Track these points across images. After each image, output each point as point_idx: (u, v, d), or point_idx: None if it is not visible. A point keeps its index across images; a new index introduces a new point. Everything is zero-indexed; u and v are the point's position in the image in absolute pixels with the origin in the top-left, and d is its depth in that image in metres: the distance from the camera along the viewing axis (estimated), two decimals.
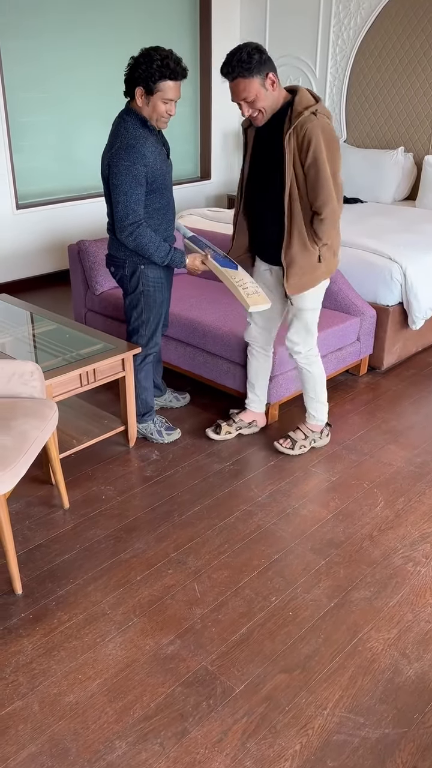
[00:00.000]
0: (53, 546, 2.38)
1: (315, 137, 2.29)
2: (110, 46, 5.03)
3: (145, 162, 2.45)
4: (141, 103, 2.44)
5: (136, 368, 2.85)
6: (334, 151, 2.35)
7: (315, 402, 2.88)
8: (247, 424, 3.03)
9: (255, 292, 2.54)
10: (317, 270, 2.55)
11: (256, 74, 2.28)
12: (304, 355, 2.76)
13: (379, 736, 1.71)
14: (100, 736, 1.71)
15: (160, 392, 3.24)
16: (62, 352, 2.77)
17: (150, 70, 2.36)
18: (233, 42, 5.76)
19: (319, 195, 2.36)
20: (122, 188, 2.46)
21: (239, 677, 1.87)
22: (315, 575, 2.24)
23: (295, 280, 2.54)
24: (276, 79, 2.33)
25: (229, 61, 2.29)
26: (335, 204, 2.39)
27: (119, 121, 2.51)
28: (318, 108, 2.32)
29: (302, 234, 2.46)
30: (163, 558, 2.32)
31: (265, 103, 2.35)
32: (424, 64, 4.79)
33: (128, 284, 2.72)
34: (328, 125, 2.33)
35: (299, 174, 2.37)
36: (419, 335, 3.77)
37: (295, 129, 2.32)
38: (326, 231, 2.44)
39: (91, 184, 5.30)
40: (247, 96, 2.32)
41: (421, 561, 2.30)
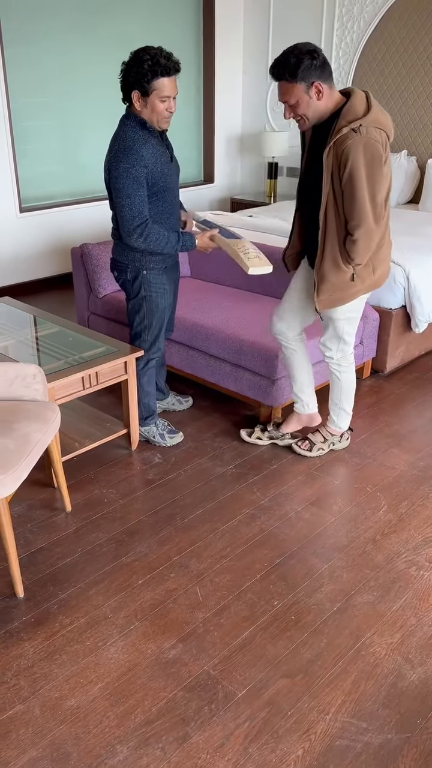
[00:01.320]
0: (55, 549, 2.37)
1: (353, 155, 2.19)
2: (113, 50, 5.04)
3: (145, 163, 2.44)
4: (139, 106, 2.43)
5: (138, 372, 2.84)
6: (375, 171, 2.22)
7: (338, 408, 2.87)
8: (281, 435, 2.98)
9: (256, 257, 2.53)
10: (350, 288, 2.49)
11: (301, 81, 2.20)
12: (336, 361, 2.74)
13: (382, 741, 1.70)
14: (101, 740, 1.70)
15: (163, 395, 3.23)
16: (65, 355, 2.77)
17: (141, 71, 2.34)
18: (237, 46, 5.78)
19: (353, 215, 2.27)
20: (124, 191, 2.45)
21: (241, 682, 1.86)
22: (317, 579, 2.23)
23: (325, 296, 2.50)
24: (323, 89, 2.23)
25: (277, 62, 2.23)
26: (370, 226, 2.28)
27: (120, 126, 2.50)
28: (364, 122, 2.19)
29: (335, 251, 2.39)
30: (165, 562, 2.31)
31: (307, 111, 2.27)
32: (427, 67, 4.79)
33: (130, 289, 2.72)
34: (372, 143, 2.19)
35: (337, 190, 2.30)
36: (422, 339, 3.76)
37: (336, 143, 2.22)
38: (359, 252, 2.34)
39: (94, 188, 5.31)
40: (288, 100, 2.27)
41: (425, 565, 2.29)
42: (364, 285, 2.52)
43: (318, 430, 2.95)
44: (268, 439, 3.00)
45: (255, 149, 6.00)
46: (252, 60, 5.83)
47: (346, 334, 2.65)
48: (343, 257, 2.40)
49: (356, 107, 2.24)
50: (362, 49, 5.08)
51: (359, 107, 2.24)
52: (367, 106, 2.25)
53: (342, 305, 2.55)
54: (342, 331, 2.64)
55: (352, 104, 2.24)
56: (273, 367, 2.95)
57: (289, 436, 2.98)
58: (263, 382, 3.02)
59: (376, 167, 2.23)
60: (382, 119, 2.26)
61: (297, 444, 2.94)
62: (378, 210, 2.31)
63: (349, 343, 2.69)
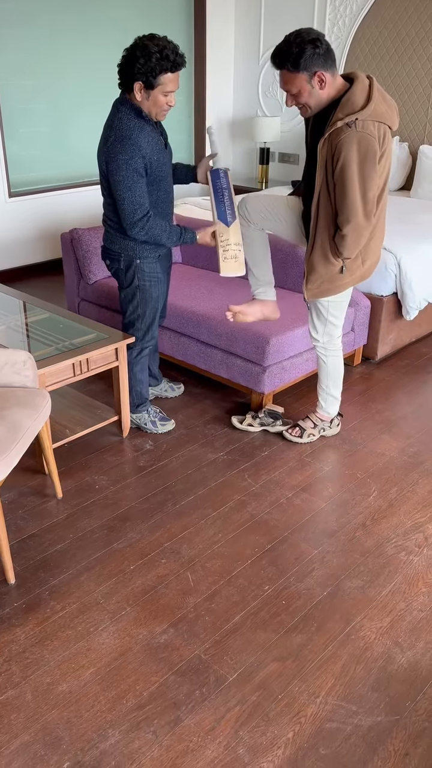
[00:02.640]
0: (46, 536, 2.37)
1: (346, 150, 2.15)
2: (104, 32, 4.97)
3: (143, 153, 2.40)
4: (140, 97, 2.36)
5: (131, 361, 2.83)
6: (368, 167, 2.18)
7: (326, 394, 2.88)
8: (272, 420, 2.98)
9: (233, 258, 2.48)
10: (339, 280, 2.48)
11: (303, 70, 2.15)
12: (323, 345, 2.74)
13: (371, 723, 1.72)
14: (93, 724, 1.71)
15: (156, 381, 3.23)
16: (55, 342, 2.75)
17: (149, 65, 2.27)
18: (228, 29, 5.71)
19: (343, 210, 2.25)
20: (125, 183, 2.40)
21: (232, 666, 1.87)
22: (308, 564, 2.24)
23: (314, 286, 2.50)
24: (326, 78, 2.18)
25: (279, 50, 2.17)
26: (359, 222, 2.25)
27: (114, 112, 2.44)
28: (361, 116, 2.14)
29: (324, 244, 2.38)
30: (157, 547, 2.32)
31: (309, 100, 2.23)
32: (420, 52, 4.76)
33: (123, 278, 2.69)
34: (367, 137, 2.14)
35: (330, 182, 2.27)
36: (413, 326, 3.77)
37: (330, 136, 2.20)
38: (347, 247, 2.32)
39: (85, 172, 5.26)
40: (290, 89, 2.22)
41: (414, 550, 2.31)
42: (353, 277, 2.52)
43: (308, 417, 2.96)
44: (259, 425, 3.01)
45: (247, 134, 5.95)
46: (244, 44, 5.77)
47: (332, 317, 2.66)
48: (332, 250, 2.39)
49: (356, 98, 2.17)
50: (354, 34, 5.04)
51: (359, 98, 2.17)
52: (368, 96, 2.18)
53: (330, 296, 2.56)
54: (327, 314, 2.65)
55: (352, 94, 2.18)
56: (264, 354, 2.94)
57: (281, 423, 2.99)
58: (254, 368, 3.02)
59: (370, 163, 2.19)
60: (383, 110, 2.20)
61: (288, 431, 2.95)
62: (369, 206, 2.27)
63: (336, 326, 2.70)
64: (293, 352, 3.08)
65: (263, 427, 3.01)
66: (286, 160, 5.82)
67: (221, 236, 2.50)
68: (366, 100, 2.18)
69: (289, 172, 5.78)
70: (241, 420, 3.04)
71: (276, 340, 2.95)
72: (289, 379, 3.15)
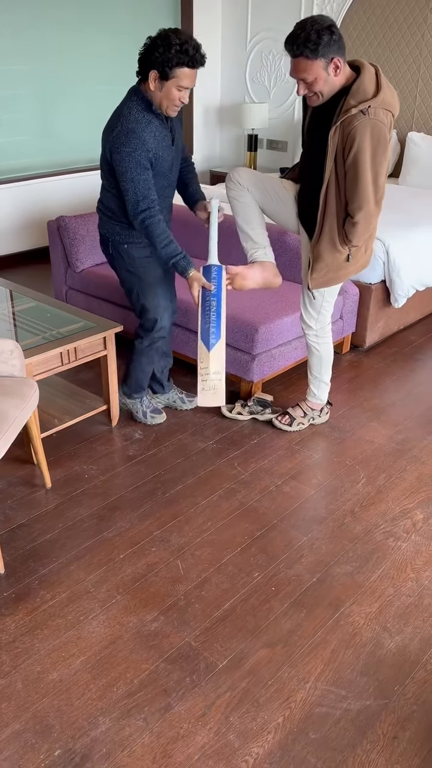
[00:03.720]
0: (35, 525, 2.36)
1: (359, 137, 2.15)
2: (91, 19, 4.91)
3: (147, 147, 2.34)
4: (153, 87, 2.31)
5: (141, 350, 2.78)
6: (380, 154, 2.20)
7: (318, 381, 2.88)
8: (262, 408, 2.98)
9: (212, 389, 2.34)
10: (344, 269, 2.48)
11: (321, 57, 2.12)
12: (315, 332, 2.74)
13: (360, 707, 1.74)
14: (83, 712, 1.72)
15: (162, 389, 3.06)
16: (42, 331, 2.73)
17: (167, 55, 2.22)
18: (216, 15, 5.65)
19: (355, 198, 2.25)
20: (128, 175, 2.35)
21: (222, 652, 1.88)
22: (297, 551, 2.25)
23: (320, 275, 2.48)
24: (341, 65, 2.17)
25: (295, 37, 2.12)
26: (371, 209, 2.27)
27: (125, 101, 2.38)
28: (372, 104, 2.14)
29: (333, 232, 2.37)
30: (147, 536, 2.32)
31: (324, 87, 2.20)
32: (407, 38, 4.74)
33: (116, 264, 2.66)
34: (380, 125, 2.16)
35: (340, 170, 2.26)
36: (401, 313, 3.78)
37: (343, 124, 2.18)
38: (358, 234, 2.33)
39: (72, 159, 5.21)
40: (306, 77, 2.17)
41: (402, 536, 2.32)
42: (356, 266, 2.53)
43: (298, 405, 2.96)
44: (248, 414, 3.01)
45: (234, 121, 5.91)
46: (231, 30, 5.71)
47: (327, 303, 2.66)
48: (341, 238, 2.39)
49: (366, 86, 2.17)
50: (342, 21, 5.00)
51: (369, 86, 2.17)
52: (376, 85, 2.19)
53: (333, 285, 2.55)
54: (323, 301, 2.65)
55: (362, 82, 2.17)
56: (253, 343, 2.94)
57: (270, 411, 2.99)
58: (243, 357, 3.01)
59: (381, 151, 2.20)
60: (390, 99, 2.21)
61: (277, 418, 2.95)
62: (380, 193, 2.29)
63: (328, 313, 2.70)
64: (282, 340, 3.07)
65: (252, 415, 3.01)
66: (274, 147, 5.78)
67: (201, 362, 2.36)
68: (376, 88, 2.18)
69: (278, 158, 5.75)
70: (230, 408, 3.04)
71: (265, 329, 2.95)
72: (278, 367, 3.15)
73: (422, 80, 4.78)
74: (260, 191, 2.55)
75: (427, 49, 4.68)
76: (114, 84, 5.16)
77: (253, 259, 2.56)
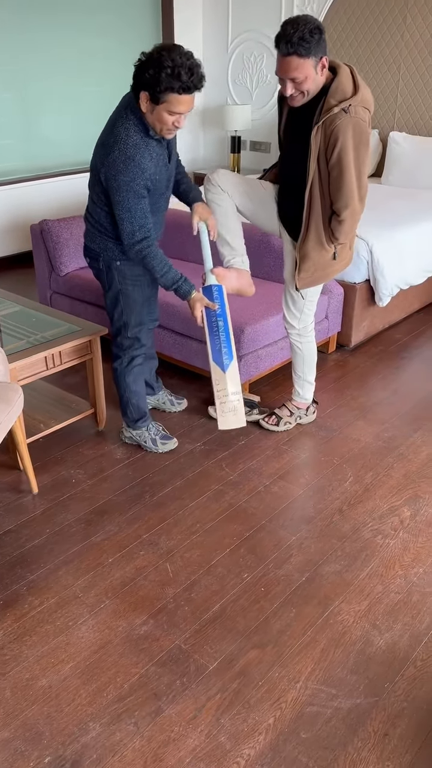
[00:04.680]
0: (23, 531, 2.35)
1: (342, 136, 2.16)
2: (73, 22, 4.89)
3: (146, 176, 2.23)
4: (145, 108, 2.16)
5: (122, 371, 2.65)
6: (362, 152, 2.22)
7: (302, 381, 2.88)
8: (249, 409, 2.97)
9: (232, 411, 2.35)
10: (330, 267, 2.50)
11: (313, 56, 2.12)
12: (298, 332, 2.75)
13: (350, 706, 1.74)
14: (73, 718, 1.71)
15: (152, 391, 3.01)
16: (26, 335, 2.72)
17: (157, 78, 2.05)
18: (196, 16, 5.66)
19: (340, 196, 2.27)
20: (125, 205, 2.24)
21: (212, 654, 1.88)
22: (286, 551, 2.25)
23: (307, 274, 2.49)
24: (327, 64, 2.18)
25: (288, 36, 2.09)
26: (356, 206, 2.29)
27: (120, 116, 2.23)
28: (353, 102, 2.16)
29: (319, 231, 2.38)
30: (135, 540, 2.31)
31: (311, 86, 2.19)
32: (387, 39, 4.77)
33: (105, 280, 2.54)
34: (361, 123, 2.18)
35: (323, 169, 2.27)
36: (386, 312, 3.80)
37: (324, 123, 2.18)
38: (344, 232, 2.35)
39: (55, 163, 5.19)
40: (297, 76, 2.15)
41: (390, 533, 2.33)
42: (341, 264, 2.54)
43: (285, 405, 2.97)
44: None
45: (217, 123, 5.92)
46: (212, 32, 5.72)
47: (309, 302, 2.67)
48: (327, 236, 2.40)
49: (344, 85, 2.19)
50: (323, 21, 5.02)
51: (347, 85, 2.19)
52: (354, 84, 2.20)
53: (320, 283, 2.56)
54: (306, 299, 2.66)
55: (340, 82, 2.19)
56: (239, 343, 2.94)
57: (257, 411, 2.99)
58: None
59: (364, 148, 2.22)
60: (368, 97, 2.24)
61: (264, 419, 2.95)
62: (363, 190, 2.31)
63: (311, 312, 2.71)
64: (268, 340, 3.08)
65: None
66: (257, 149, 5.80)
67: (217, 384, 2.33)
68: (354, 86, 2.20)
69: (261, 160, 5.77)
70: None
71: (251, 329, 2.95)
72: (264, 367, 3.15)
73: (403, 80, 4.81)
74: (240, 194, 2.54)
75: (407, 50, 4.72)
76: (97, 86, 5.15)
77: (230, 265, 2.58)
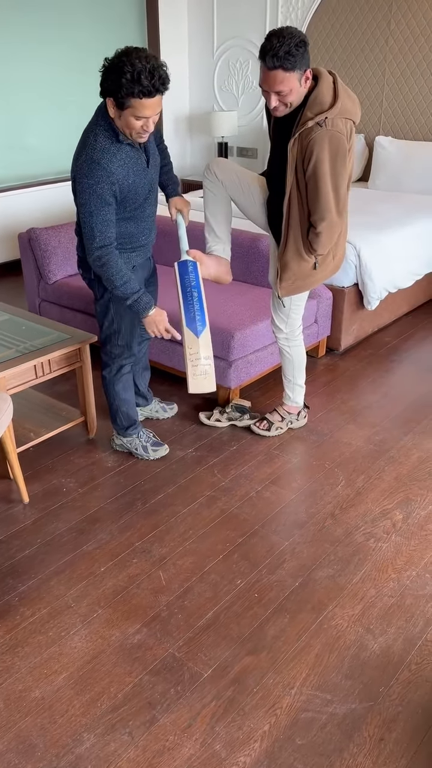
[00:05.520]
0: (13, 542, 2.33)
1: (317, 149, 2.16)
2: (56, 27, 4.89)
3: (112, 180, 2.19)
4: (113, 114, 2.13)
5: (111, 379, 2.63)
6: (339, 165, 2.21)
7: (293, 384, 2.89)
8: (240, 415, 2.98)
9: (203, 374, 2.35)
10: (312, 277, 2.50)
11: (298, 69, 2.12)
12: (285, 336, 2.75)
13: (346, 711, 1.74)
14: (67, 729, 1.69)
15: (146, 401, 3.02)
16: (15, 344, 2.70)
17: (119, 84, 2.02)
18: (181, 24, 5.68)
19: (316, 209, 2.26)
20: (87, 208, 2.20)
21: (206, 662, 1.87)
22: (279, 556, 2.25)
23: (288, 284, 2.50)
24: (310, 76, 2.18)
25: (275, 50, 2.08)
26: (333, 218, 2.28)
27: (91, 124, 2.21)
28: (329, 114, 2.15)
29: (298, 242, 2.38)
30: (127, 548, 2.30)
31: (295, 98, 2.19)
32: (372, 44, 4.80)
33: (96, 290, 2.51)
34: (338, 135, 2.17)
35: (300, 181, 2.27)
36: (375, 316, 3.81)
37: (300, 135, 2.19)
38: (321, 244, 2.35)
39: (41, 171, 5.18)
40: (282, 89, 2.15)
41: (382, 537, 2.33)
42: (325, 272, 2.54)
43: (276, 410, 2.97)
44: (227, 420, 3.00)
45: (204, 129, 5.93)
46: (197, 39, 5.74)
47: (295, 306, 2.68)
48: (306, 247, 2.40)
49: (323, 97, 2.18)
50: (307, 27, 5.06)
51: (326, 96, 2.18)
52: (334, 94, 2.19)
53: (303, 291, 2.57)
54: (291, 304, 2.67)
55: (319, 92, 2.18)
56: (229, 349, 2.94)
57: (248, 417, 2.99)
58: (220, 363, 3.01)
59: (340, 161, 2.21)
60: (349, 107, 2.22)
61: (255, 424, 2.95)
62: (341, 203, 2.30)
63: (297, 317, 2.72)
64: (258, 345, 3.08)
65: (231, 422, 3.01)
66: (244, 154, 5.81)
67: (189, 348, 2.34)
68: (333, 97, 2.19)
69: (248, 165, 5.78)
70: (208, 416, 3.03)
71: (240, 335, 2.95)
72: (254, 372, 3.15)
73: (387, 85, 4.85)
74: (234, 187, 2.55)
75: (391, 54, 4.75)
76: (82, 95, 5.16)
77: (211, 251, 2.61)
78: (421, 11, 4.51)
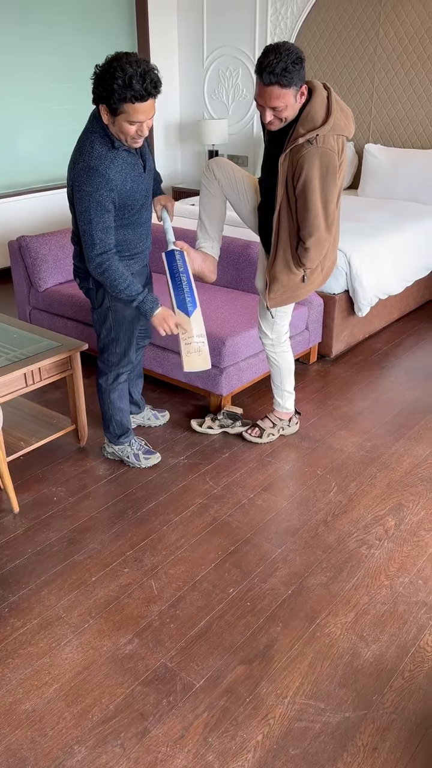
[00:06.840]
0: (3, 552, 2.31)
1: (307, 166, 2.17)
2: (46, 33, 4.90)
3: (111, 186, 2.19)
4: (106, 120, 2.14)
5: (107, 388, 2.62)
6: (329, 182, 2.22)
7: (281, 391, 2.89)
8: (232, 422, 2.97)
9: (197, 351, 2.36)
10: (300, 289, 2.52)
11: (294, 85, 2.12)
12: (271, 342, 2.76)
13: (339, 720, 1.72)
14: (58, 742, 1.67)
15: (138, 409, 3.01)
16: (5, 352, 2.69)
17: (111, 90, 2.02)
18: (171, 32, 5.70)
19: (306, 225, 2.27)
20: (86, 216, 2.20)
21: (199, 672, 1.85)
22: (271, 564, 2.24)
23: (276, 295, 2.51)
24: (305, 91, 2.18)
25: (272, 66, 2.08)
26: (321, 234, 2.30)
27: (87, 131, 2.21)
28: (321, 132, 2.15)
29: (287, 255, 2.40)
30: (119, 557, 2.28)
31: (290, 113, 2.19)
32: (361, 52, 4.84)
33: (94, 298, 2.50)
34: (328, 153, 2.17)
35: (291, 196, 2.28)
36: (366, 322, 3.82)
37: (291, 152, 2.20)
38: (310, 258, 2.36)
39: (32, 179, 5.17)
40: (277, 105, 2.15)
41: (375, 543, 2.33)
42: (313, 284, 2.56)
43: (267, 417, 2.96)
44: (218, 428, 3.00)
45: (195, 137, 5.95)
46: (187, 47, 5.77)
47: (280, 312, 2.69)
48: (295, 261, 2.41)
49: (315, 113, 2.18)
50: (297, 35, 5.09)
51: (319, 112, 2.18)
52: (327, 110, 2.19)
53: (293, 302, 2.58)
54: (276, 313, 2.68)
55: (312, 108, 2.18)
56: (220, 356, 2.94)
57: (240, 424, 2.99)
58: (212, 370, 3.01)
59: (330, 177, 2.22)
60: (342, 123, 2.22)
61: (247, 431, 2.95)
62: (330, 219, 2.31)
63: (283, 325, 2.73)
64: (249, 352, 3.08)
65: (223, 429, 3.00)
66: (235, 162, 5.83)
67: (182, 327, 2.37)
68: (326, 114, 2.19)
69: None
70: (200, 423, 3.02)
71: (231, 342, 2.95)
72: (246, 379, 3.15)
73: (377, 93, 4.88)
74: (229, 186, 2.55)
75: (380, 63, 4.79)
76: (73, 103, 5.16)
77: (200, 247, 2.62)
78: (410, 20, 4.55)
